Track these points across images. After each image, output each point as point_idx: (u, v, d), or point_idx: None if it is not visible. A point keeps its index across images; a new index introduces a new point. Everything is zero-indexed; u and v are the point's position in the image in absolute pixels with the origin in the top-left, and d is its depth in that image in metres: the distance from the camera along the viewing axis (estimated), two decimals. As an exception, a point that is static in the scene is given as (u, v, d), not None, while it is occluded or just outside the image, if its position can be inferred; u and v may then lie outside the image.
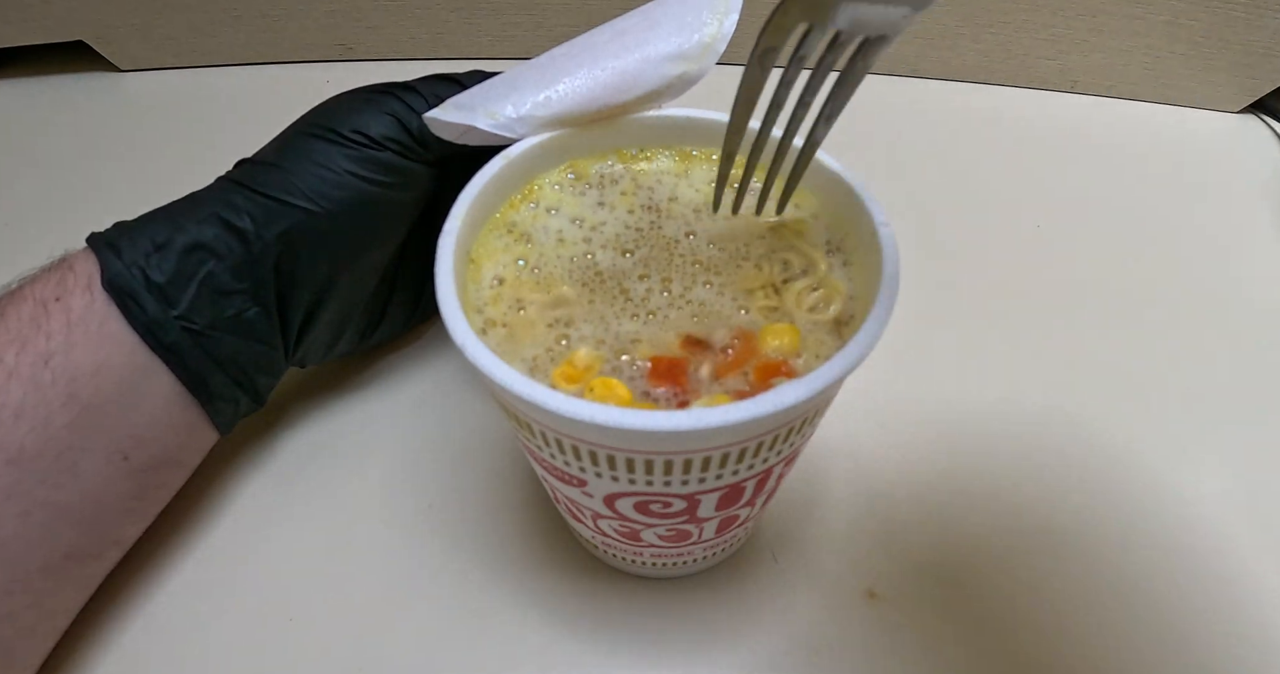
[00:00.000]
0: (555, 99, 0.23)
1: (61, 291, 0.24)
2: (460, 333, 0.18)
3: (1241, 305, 0.38)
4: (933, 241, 0.39)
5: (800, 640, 0.27)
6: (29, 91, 0.50)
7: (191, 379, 0.26)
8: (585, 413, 0.17)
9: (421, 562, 0.29)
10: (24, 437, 0.22)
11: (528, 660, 0.27)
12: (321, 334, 0.30)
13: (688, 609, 0.28)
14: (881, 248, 0.20)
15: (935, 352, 0.35)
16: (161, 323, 0.24)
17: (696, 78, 0.23)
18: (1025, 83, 0.49)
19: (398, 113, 0.27)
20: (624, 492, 0.21)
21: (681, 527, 0.23)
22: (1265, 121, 0.48)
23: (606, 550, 0.27)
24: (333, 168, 0.27)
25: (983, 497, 0.31)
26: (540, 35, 0.50)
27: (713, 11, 0.23)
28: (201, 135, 0.46)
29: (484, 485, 0.31)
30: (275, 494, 0.31)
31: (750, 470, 0.20)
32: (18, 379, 0.23)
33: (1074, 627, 0.28)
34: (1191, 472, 0.32)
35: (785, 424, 0.18)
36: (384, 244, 0.29)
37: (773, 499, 0.25)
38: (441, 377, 0.34)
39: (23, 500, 0.23)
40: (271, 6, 0.48)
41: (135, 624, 0.28)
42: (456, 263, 0.20)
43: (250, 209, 0.26)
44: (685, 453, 0.18)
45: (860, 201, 0.21)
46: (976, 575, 0.29)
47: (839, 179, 0.22)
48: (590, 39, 0.24)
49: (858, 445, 0.32)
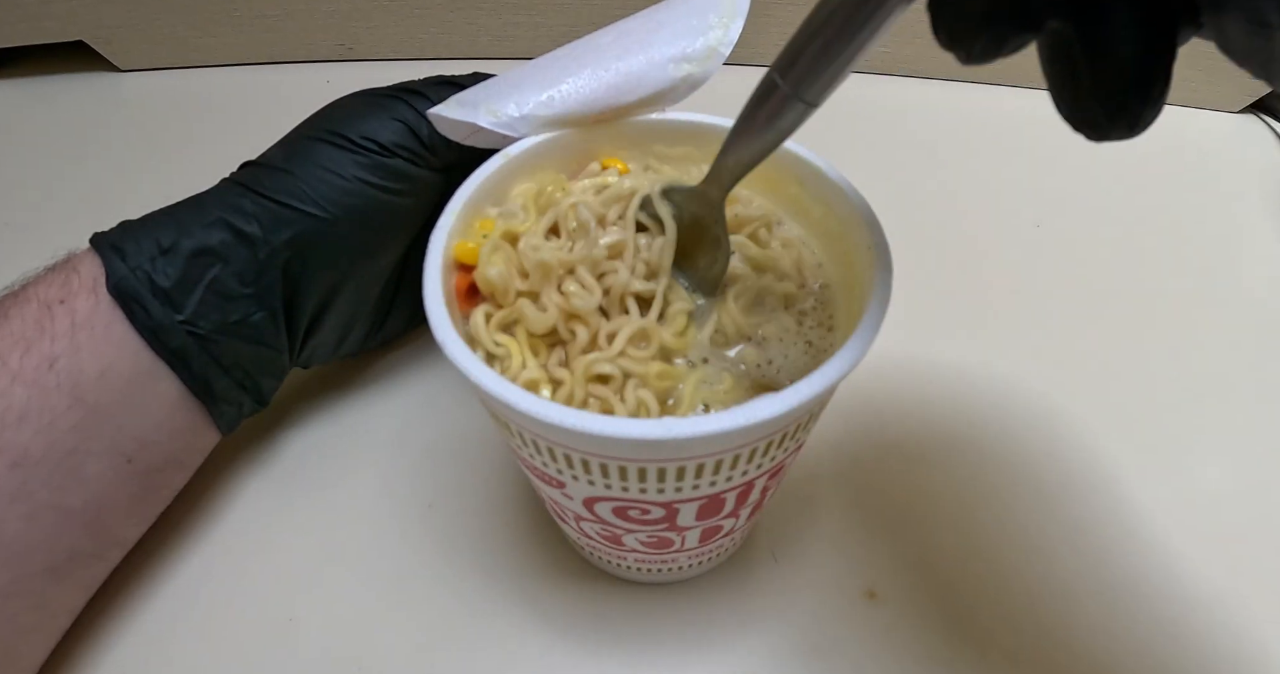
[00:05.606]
0: (558, 99, 0.23)
1: (66, 294, 0.24)
2: (442, 330, 0.18)
3: (1241, 305, 0.38)
4: (933, 241, 0.39)
5: (800, 640, 0.27)
6: (29, 91, 0.50)
7: (196, 383, 0.26)
8: (555, 416, 0.17)
9: (421, 562, 0.29)
10: (29, 439, 0.22)
11: (527, 662, 0.27)
12: (327, 337, 0.30)
13: (687, 610, 0.28)
14: (874, 268, 0.20)
15: (935, 351, 0.35)
16: (166, 327, 0.24)
17: (701, 81, 0.23)
18: (1025, 82, 0.49)
19: (407, 119, 0.27)
20: (601, 496, 0.20)
21: (662, 534, 0.23)
22: (1265, 121, 0.48)
23: (593, 553, 0.27)
24: (342, 174, 0.27)
25: (982, 497, 0.31)
26: (540, 35, 0.50)
27: (718, 15, 0.23)
28: (201, 135, 0.46)
29: (484, 486, 0.31)
30: (276, 494, 0.31)
31: (729, 482, 0.20)
32: (22, 382, 0.23)
33: (1074, 626, 0.28)
34: (1192, 471, 0.32)
35: (763, 438, 0.18)
36: (391, 249, 0.29)
37: (761, 511, 0.25)
38: (442, 377, 0.34)
39: (27, 502, 0.23)
40: (271, 6, 0.48)
41: (136, 624, 0.28)
42: (446, 259, 0.20)
43: (258, 214, 0.26)
44: (659, 461, 0.18)
45: (858, 217, 0.21)
46: (976, 575, 0.29)
47: (840, 190, 0.22)
48: (595, 40, 0.24)
49: (857, 445, 0.32)
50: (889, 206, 0.22)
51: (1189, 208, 0.43)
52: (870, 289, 0.19)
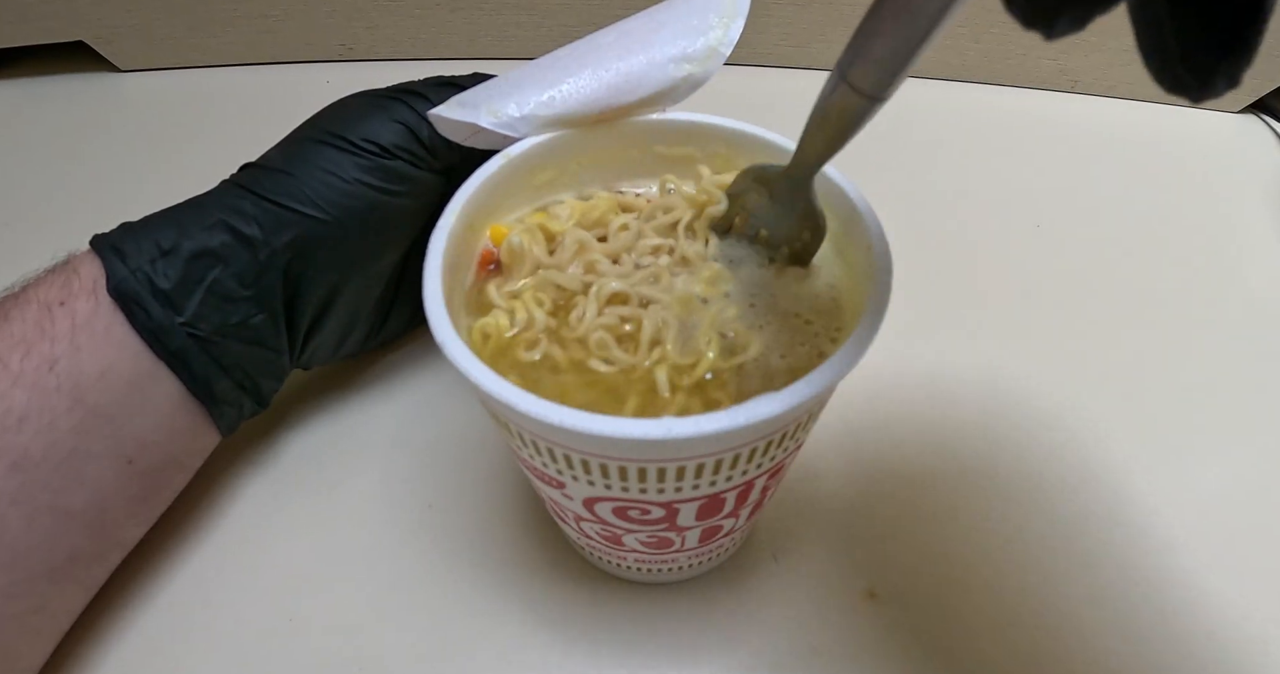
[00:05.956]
0: (559, 99, 0.23)
1: (66, 295, 0.24)
2: (442, 330, 0.18)
3: (1241, 305, 0.38)
4: (933, 241, 0.39)
5: (800, 641, 0.27)
6: (29, 91, 0.50)
7: (196, 384, 0.26)
8: (555, 416, 0.17)
9: (421, 562, 0.29)
10: (29, 441, 0.22)
11: (527, 662, 0.27)
12: (327, 338, 0.30)
13: (687, 610, 0.28)
14: (875, 270, 0.20)
15: (935, 351, 0.35)
16: (167, 329, 0.24)
17: (702, 81, 0.23)
18: (1025, 83, 0.49)
19: (407, 121, 0.27)
20: (601, 496, 0.20)
21: (662, 534, 0.23)
22: (1265, 121, 0.48)
23: (593, 553, 0.27)
24: (343, 176, 0.27)
25: (983, 496, 0.31)
26: (540, 35, 0.49)
27: (719, 15, 0.23)
28: (201, 135, 0.46)
29: (484, 486, 0.31)
30: (276, 495, 0.31)
31: (729, 482, 0.20)
32: (23, 384, 0.23)
33: (1074, 626, 0.28)
34: (1193, 471, 0.32)
35: (763, 437, 0.18)
36: (392, 250, 0.29)
37: (760, 511, 0.25)
38: (442, 378, 0.34)
39: (28, 504, 0.23)
40: (271, 6, 0.48)
41: (137, 625, 0.28)
42: (446, 260, 0.20)
43: (259, 216, 0.26)
44: (658, 461, 0.18)
45: (859, 217, 0.21)
46: (976, 575, 0.29)
47: (840, 190, 0.22)
48: (595, 40, 0.24)
49: (858, 445, 0.32)
50: (889, 206, 0.22)
51: (1189, 208, 0.43)
52: (870, 289, 0.19)
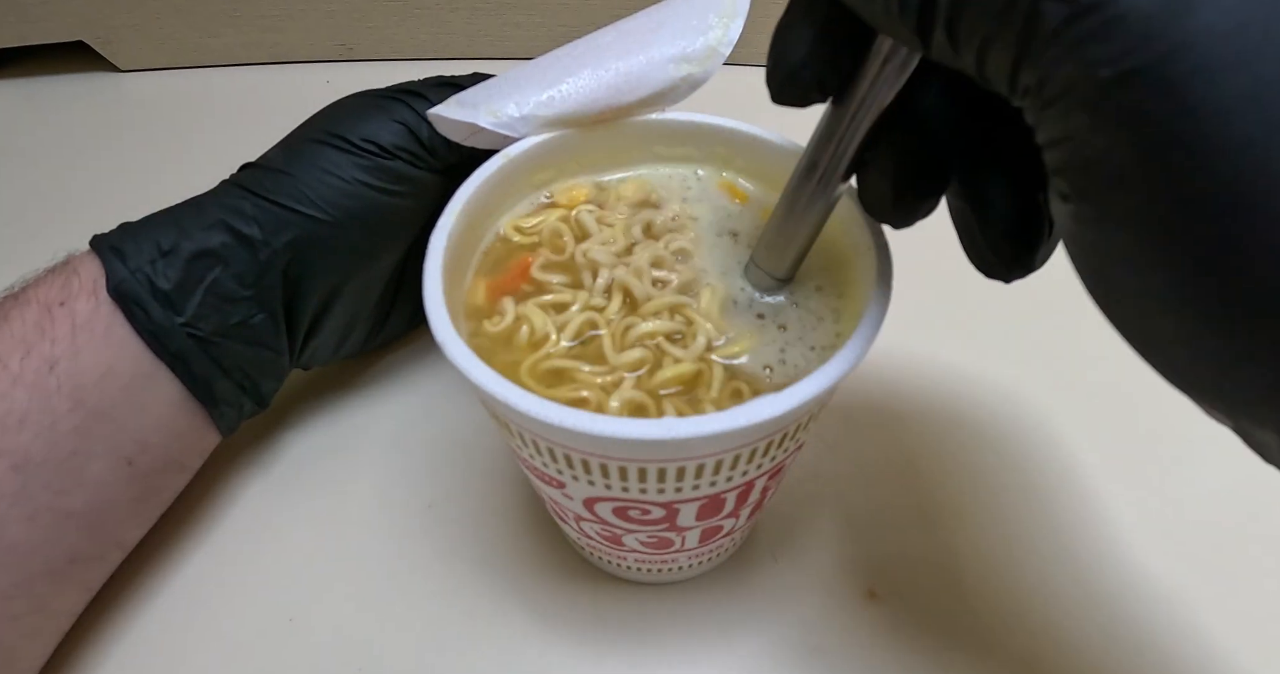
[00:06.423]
0: (558, 98, 0.23)
1: (66, 296, 0.24)
2: (442, 330, 0.18)
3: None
4: (933, 242, 0.39)
5: (800, 640, 0.27)
6: (29, 91, 0.50)
7: (197, 385, 0.26)
8: (555, 416, 0.17)
9: (421, 562, 0.29)
10: (29, 442, 0.22)
11: (527, 662, 0.27)
12: (327, 338, 0.30)
13: (687, 610, 0.28)
14: (875, 270, 0.20)
15: (935, 352, 0.35)
16: (167, 329, 0.24)
17: (701, 80, 0.23)
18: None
19: (407, 121, 0.27)
20: (601, 496, 0.20)
21: (662, 534, 0.23)
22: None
23: (592, 553, 0.27)
24: (343, 176, 0.27)
25: (983, 497, 0.31)
26: (540, 35, 0.49)
27: (718, 14, 0.23)
28: (202, 136, 0.46)
29: (484, 486, 0.31)
30: (276, 495, 0.31)
31: (729, 482, 0.20)
32: (23, 385, 0.23)
33: (1074, 626, 0.28)
34: (1193, 472, 0.32)
35: (763, 438, 0.18)
36: (392, 250, 0.29)
37: (761, 511, 0.25)
38: (442, 378, 0.34)
39: (28, 505, 0.23)
40: (271, 6, 0.48)
41: (137, 625, 0.28)
42: (446, 259, 0.20)
43: (259, 216, 0.26)
44: (658, 461, 0.18)
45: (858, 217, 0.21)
46: (976, 575, 0.29)
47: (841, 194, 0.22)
48: (595, 40, 0.24)
49: (857, 445, 0.32)
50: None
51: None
52: (870, 290, 0.19)
